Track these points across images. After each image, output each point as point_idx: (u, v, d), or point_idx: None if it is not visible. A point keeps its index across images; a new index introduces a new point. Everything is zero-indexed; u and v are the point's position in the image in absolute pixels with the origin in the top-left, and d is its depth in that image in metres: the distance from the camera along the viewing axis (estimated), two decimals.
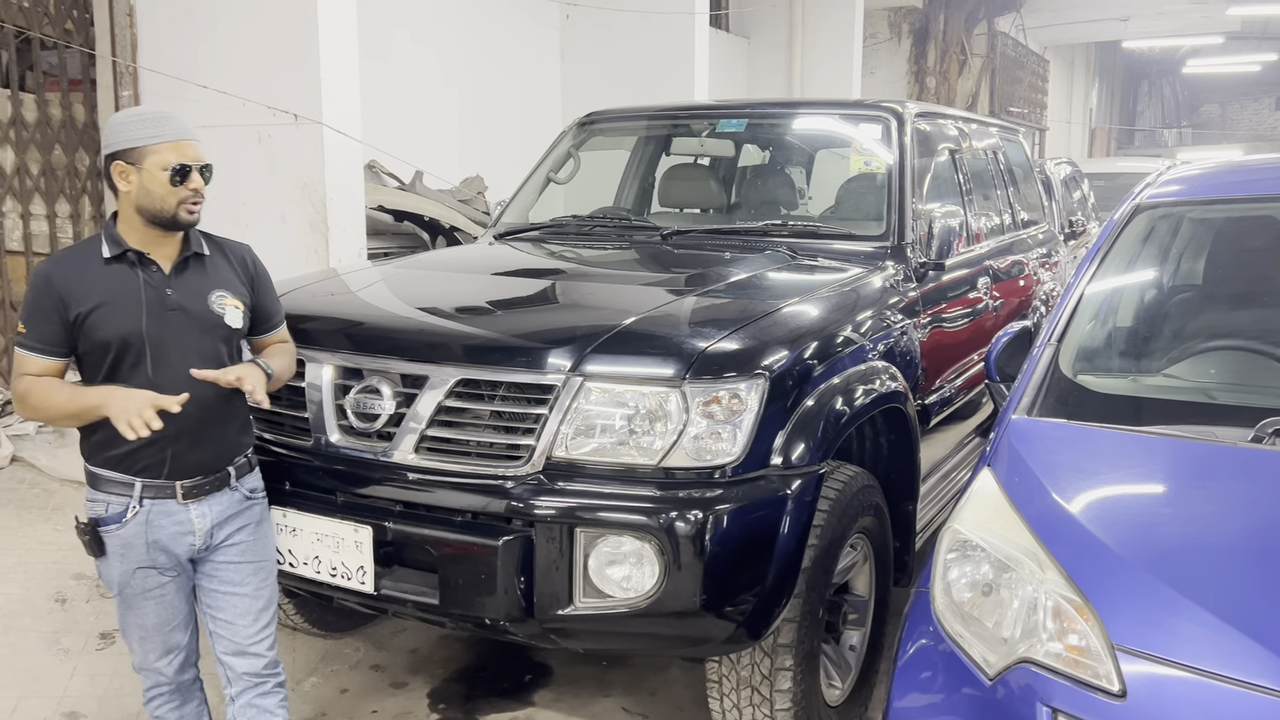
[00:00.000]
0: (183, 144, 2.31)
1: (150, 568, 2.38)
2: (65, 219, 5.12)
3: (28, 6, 4.83)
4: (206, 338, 2.36)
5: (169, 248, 2.35)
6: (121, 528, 2.34)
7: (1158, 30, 16.94)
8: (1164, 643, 1.75)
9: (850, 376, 2.93)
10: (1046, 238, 5.61)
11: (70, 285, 2.27)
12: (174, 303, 2.33)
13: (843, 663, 3.13)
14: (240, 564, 2.47)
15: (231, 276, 2.45)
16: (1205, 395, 2.47)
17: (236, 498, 2.45)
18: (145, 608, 2.43)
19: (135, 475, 2.32)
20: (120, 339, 2.27)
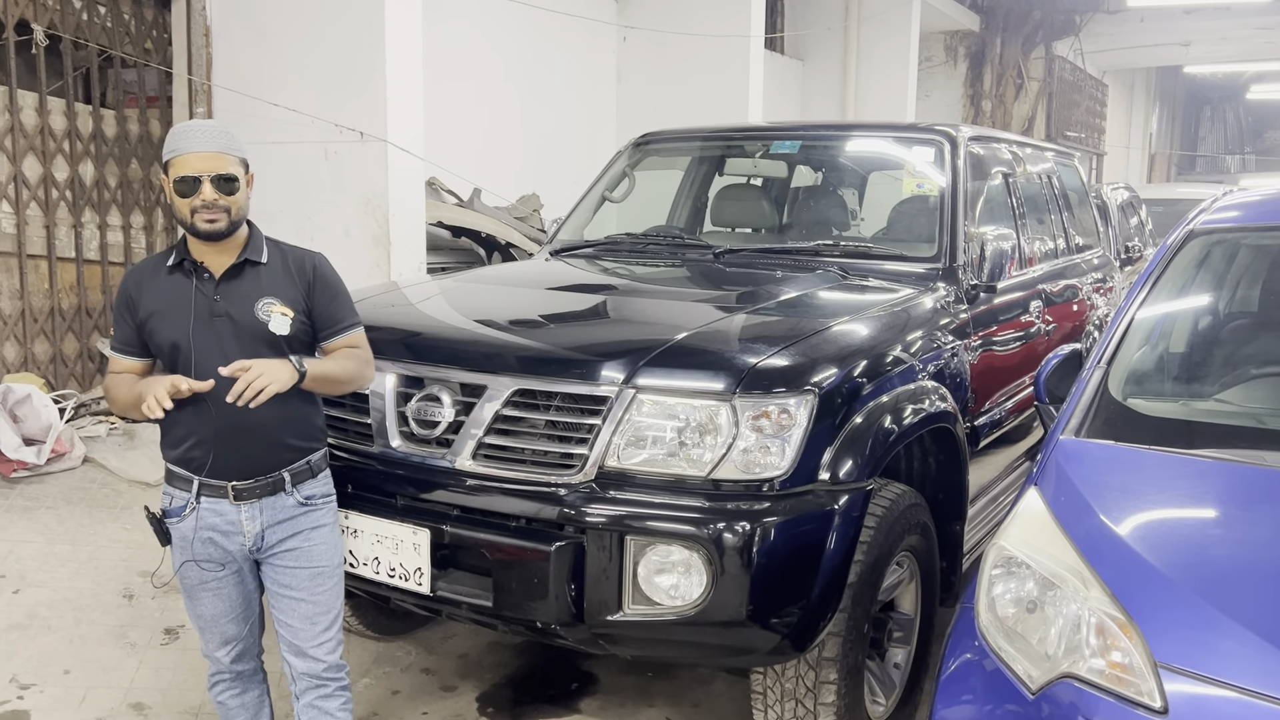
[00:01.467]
0: (193, 156, 2.34)
1: (204, 561, 2.47)
2: (139, 230, 5.33)
3: (110, 27, 5.04)
4: (250, 344, 2.39)
5: (223, 256, 2.42)
6: (180, 521, 2.45)
7: (1220, 55, 16.69)
8: (1207, 661, 1.77)
9: (899, 395, 2.97)
10: (1101, 263, 5.59)
11: (139, 291, 2.43)
12: (220, 309, 2.39)
13: (887, 680, 3.16)
14: (295, 569, 2.52)
15: (286, 284, 2.47)
16: (1255, 420, 2.48)
17: (290, 503, 2.49)
18: (201, 598, 2.53)
19: (193, 472, 2.41)
20: (170, 344, 2.38)
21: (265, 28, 4.99)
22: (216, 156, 2.36)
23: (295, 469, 2.49)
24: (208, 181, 2.33)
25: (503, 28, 7.21)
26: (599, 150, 7.95)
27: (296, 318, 2.45)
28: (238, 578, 2.54)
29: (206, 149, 2.35)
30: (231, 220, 2.38)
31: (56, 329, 4.99)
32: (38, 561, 3.90)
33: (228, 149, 2.38)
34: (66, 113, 4.93)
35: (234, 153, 2.40)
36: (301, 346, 2.49)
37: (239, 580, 2.54)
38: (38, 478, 4.40)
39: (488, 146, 6.88)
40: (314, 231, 4.97)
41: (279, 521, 2.48)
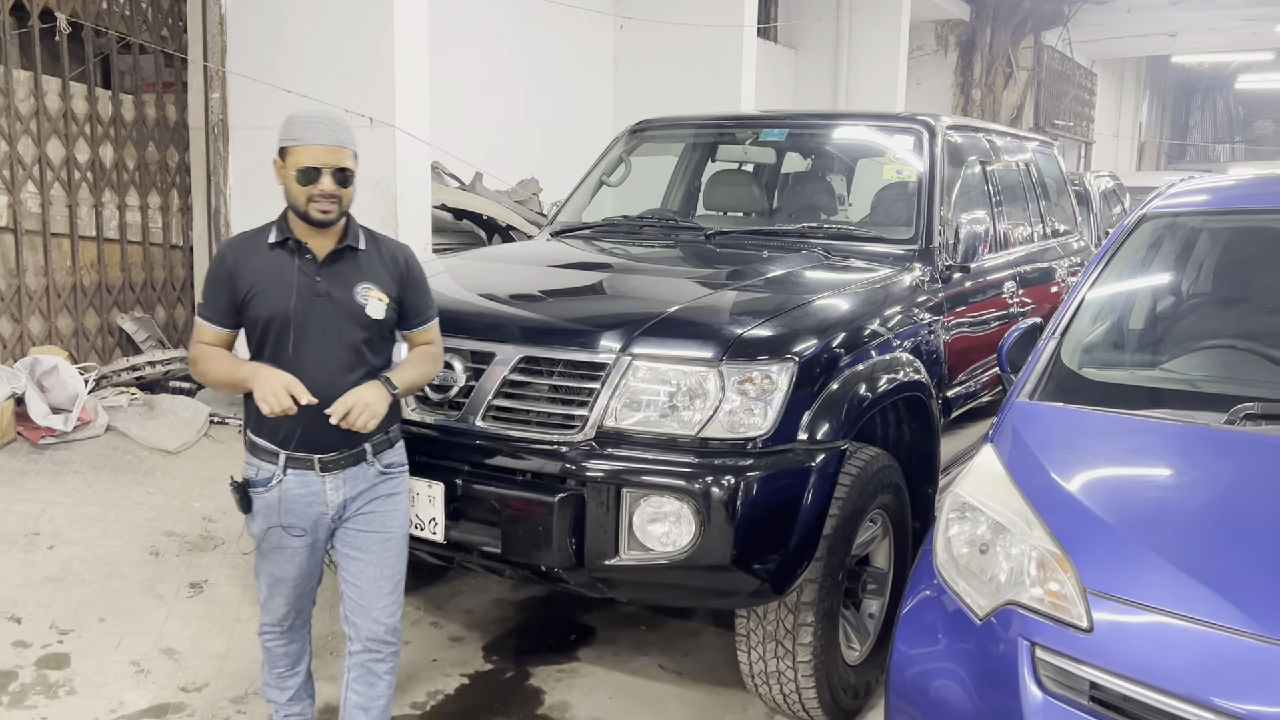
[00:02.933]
0: (318, 148, 2.47)
1: (284, 528, 2.60)
2: (156, 210, 5.56)
3: (129, 14, 5.26)
4: (348, 325, 2.53)
5: (326, 240, 2.55)
6: (266, 491, 2.57)
7: (1206, 46, 16.95)
8: (1130, 588, 2.04)
9: (874, 365, 3.23)
10: (1080, 248, 5.84)
11: (240, 265, 2.52)
12: (322, 289, 2.51)
13: (862, 628, 3.42)
14: (368, 533, 2.65)
15: (382, 271, 2.60)
16: (1190, 385, 2.74)
17: (372, 472, 2.63)
18: (276, 560, 2.68)
19: (280, 446, 2.54)
20: (271, 318, 2.49)
21: (278, 16, 5.21)
22: (337, 150, 2.49)
23: (376, 440, 2.61)
24: (328, 174, 2.46)
25: (504, 17, 7.44)
26: (596, 136, 8.16)
27: (390, 304, 2.59)
28: (311, 549, 2.67)
29: (329, 141, 2.47)
30: (341, 210, 2.52)
31: (79, 304, 5.22)
32: (69, 521, 4.15)
33: (346, 142, 2.51)
34: (88, 97, 5.15)
35: (350, 146, 2.53)
36: (389, 331, 2.64)
37: (311, 550, 2.67)
38: (64, 444, 4.64)
39: (489, 132, 7.11)
40: None
41: (361, 490, 2.62)
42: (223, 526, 4.38)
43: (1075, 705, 1.98)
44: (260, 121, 5.33)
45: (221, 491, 4.67)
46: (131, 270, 5.47)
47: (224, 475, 4.78)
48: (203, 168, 5.53)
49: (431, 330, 2.75)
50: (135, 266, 5.49)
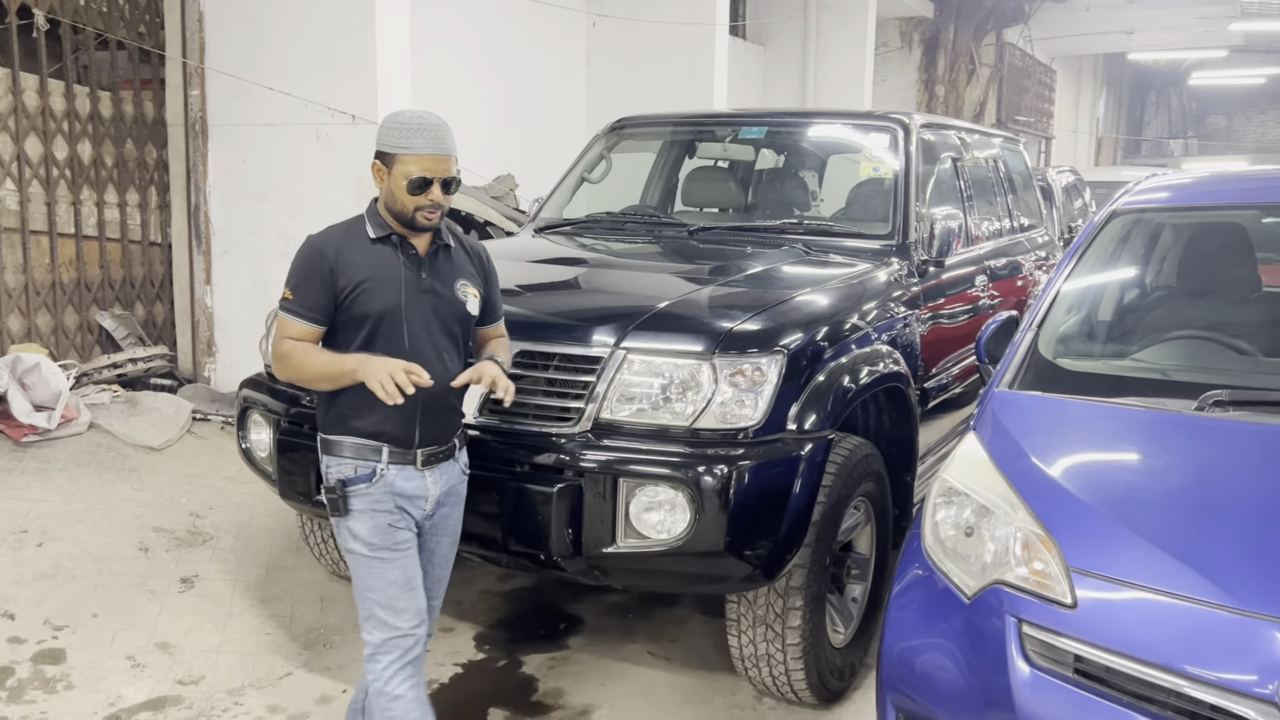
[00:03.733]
0: (428, 158, 2.44)
1: (395, 526, 2.51)
2: (134, 207, 5.55)
3: (106, 11, 5.25)
4: (451, 320, 2.57)
5: (424, 237, 2.56)
6: (371, 485, 2.50)
7: (1162, 43, 17.31)
8: (1110, 565, 2.15)
9: (856, 358, 3.34)
10: (1045, 242, 6.00)
11: (340, 259, 2.47)
12: (427, 285, 2.53)
13: (846, 612, 3.53)
14: (440, 536, 2.68)
15: (471, 268, 2.66)
16: (1161, 374, 2.87)
17: (456, 470, 2.65)
18: (394, 562, 2.52)
19: (384, 442, 2.50)
20: (380, 313, 2.47)
21: (258, 13, 5.22)
22: (446, 159, 2.48)
23: (460, 436, 2.66)
24: (438, 185, 2.47)
25: (478, 14, 7.47)
26: (570, 133, 8.24)
27: (479, 299, 2.64)
28: (416, 546, 2.60)
29: (438, 151, 2.46)
30: (442, 217, 2.54)
31: (58, 302, 5.21)
32: (56, 518, 4.16)
33: (452, 150, 2.50)
34: (65, 94, 5.14)
35: (454, 152, 2.51)
36: (473, 325, 2.68)
37: (416, 549, 2.60)
38: (47, 442, 4.64)
39: (465, 128, 7.09)
40: (306, 209, 5.23)
41: (449, 487, 2.64)
42: (210, 522, 4.41)
43: (1060, 677, 2.09)
44: (240, 119, 5.34)
45: (208, 487, 4.70)
46: (110, 267, 5.46)
47: (208, 471, 4.84)
48: (182, 165, 5.53)
49: (502, 323, 2.83)
50: (114, 264, 5.48)
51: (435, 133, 2.47)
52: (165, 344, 5.72)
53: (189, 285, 5.65)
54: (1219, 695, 1.90)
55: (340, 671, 3.58)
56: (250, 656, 3.62)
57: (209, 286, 5.62)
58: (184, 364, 5.73)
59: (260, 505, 4.61)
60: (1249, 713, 1.86)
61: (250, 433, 3.57)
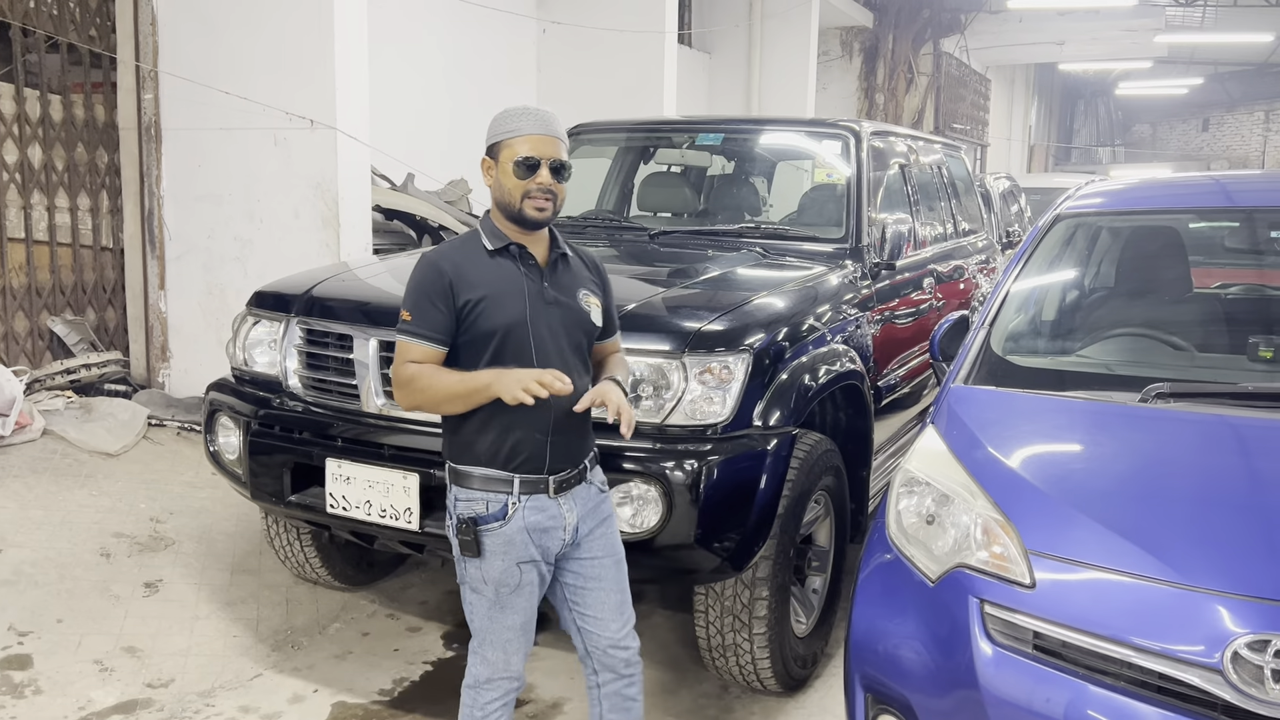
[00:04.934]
0: (536, 138, 2.32)
1: (530, 562, 2.39)
2: (86, 212, 5.49)
3: (56, 14, 5.20)
4: (577, 332, 2.43)
5: (540, 246, 2.43)
6: (504, 524, 2.35)
7: (1091, 54, 17.91)
8: (1065, 547, 2.28)
9: (816, 356, 3.46)
10: (985, 246, 6.22)
11: (459, 275, 2.33)
12: (551, 296, 2.39)
13: (807, 602, 3.65)
14: (603, 559, 2.51)
15: (589, 279, 2.52)
16: (1106, 368, 3.04)
17: (592, 491, 2.50)
18: (517, 606, 2.41)
19: (513, 471, 2.35)
20: (505, 328, 2.33)
21: (212, 17, 5.20)
22: (556, 142, 2.35)
23: (590, 457, 2.51)
24: (546, 166, 2.32)
25: (433, 19, 7.51)
26: None
27: (601, 311, 2.51)
28: (540, 583, 2.45)
29: (550, 133, 2.34)
30: (556, 209, 2.37)
31: (8, 307, 5.13)
32: (14, 525, 4.11)
33: (564, 137, 2.39)
34: (15, 98, 5.07)
35: (565, 139, 2.39)
36: (594, 339, 2.53)
37: (540, 586, 2.46)
38: (0, 449, 4.58)
39: (418, 133, 7.18)
40: (264, 214, 5.22)
41: (588, 511, 2.48)
42: (171, 527, 4.40)
43: (1020, 654, 2.21)
44: (195, 123, 5.32)
45: (167, 492, 4.68)
46: (61, 272, 5.39)
47: (167, 477, 4.82)
48: (135, 169, 5.48)
49: (619, 337, 2.66)
50: (65, 269, 5.42)
51: (543, 116, 2.37)
52: (118, 349, 5.66)
53: (142, 290, 5.60)
54: (1169, 665, 2.03)
55: (310, 672, 3.61)
56: (219, 659, 3.63)
57: (163, 291, 5.58)
58: (137, 370, 5.67)
59: (221, 510, 4.60)
60: (1197, 680, 2.00)
61: (219, 435, 3.59)
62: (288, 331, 3.49)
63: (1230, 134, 31.14)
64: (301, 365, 3.45)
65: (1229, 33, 19.23)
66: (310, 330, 3.45)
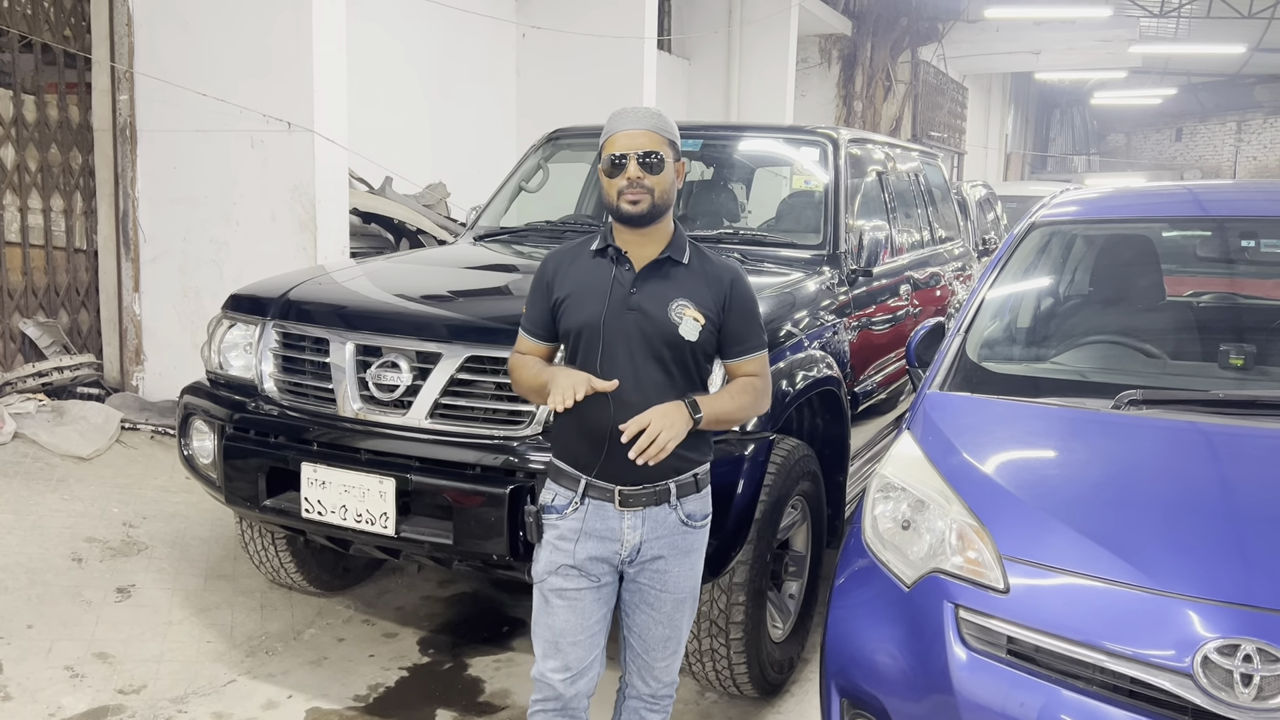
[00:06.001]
0: (621, 135, 2.31)
1: (573, 568, 2.36)
2: (59, 214, 5.44)
3: (30, 14, 5.15)
4: (657, 342, 2.32)
5: (647, 248, 2.36)
6: (561, 519, 2.37)
7: (1066, 64, 18.09)
8: (1039, 552, 2.30)
9: (793, 362, 3.47)
10: (961, 253, 6.26)
11: (558, 272, 2.41)
12: (635, 303, 2.32)
13: (784, 608, 3.66)
14: (662, 593, 2.43)
15: (703, 290, 2.37)
16: (1080, 375, 3.07)
17: (673, 519, 2.38)
18: (557, 608, 2.39)
19: (582, 471, 2.35)
20: (579, 329, 2.34)
21: (189, 18, 5.17)
22: (645, 134, 2.32)
23: (681, 480, 2.38)
24: (633, 159, 2.29)
25: (411, 22, 7.49)
26: (500, 142, 8.30)
27: (706, 327, 2.35)
28: (598, 594, 2.40)
29: (636, 127, 2.32)
30: (655, 202, 2.31)
31: None
32: None
33: (659, 129, 2.34)
34: None
35: (665, 133, 2.34)
36: (704, 356, 2.40)
37: (599, 598, 2.41)
38: None
39: (396, 136, 7.16)
40: (240, 216, 5.19)
41: (658, 536, 2.38)
42: (144, 532, 4.36)
43: (995, 658, 2.22)
44: (171, 124, 5.29)
45: (140, 497, 4.64)
46: (34, 274, 5.34)
47: (140, 481, 4.78)
48: (109, 170, 5.43)
49: (755, 362, 2.46)
50: (37, 270, 5.36)
51: (635, 113, 2.35)
52: (91, 352, 5.60)
53: (116, 292, 5.56)
54: (1140, 669, 2.05)
55: (284, 678, 3.58)
56: (192, 665, 3.60)
57: (137, 294, 5.53)
58: (111, 372, 5.62)
59: (195, 514, 4.57)
60: (1168, 685, 2.02)
61: (193, 439, 3.56)
62: (264, 335, 3.47)
63: (1203, 144, 31.50)
64: (277, 369, 3.43)
65: (1202, 44, 19.51)
66: (286, 334, 3.43)
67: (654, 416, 2.24)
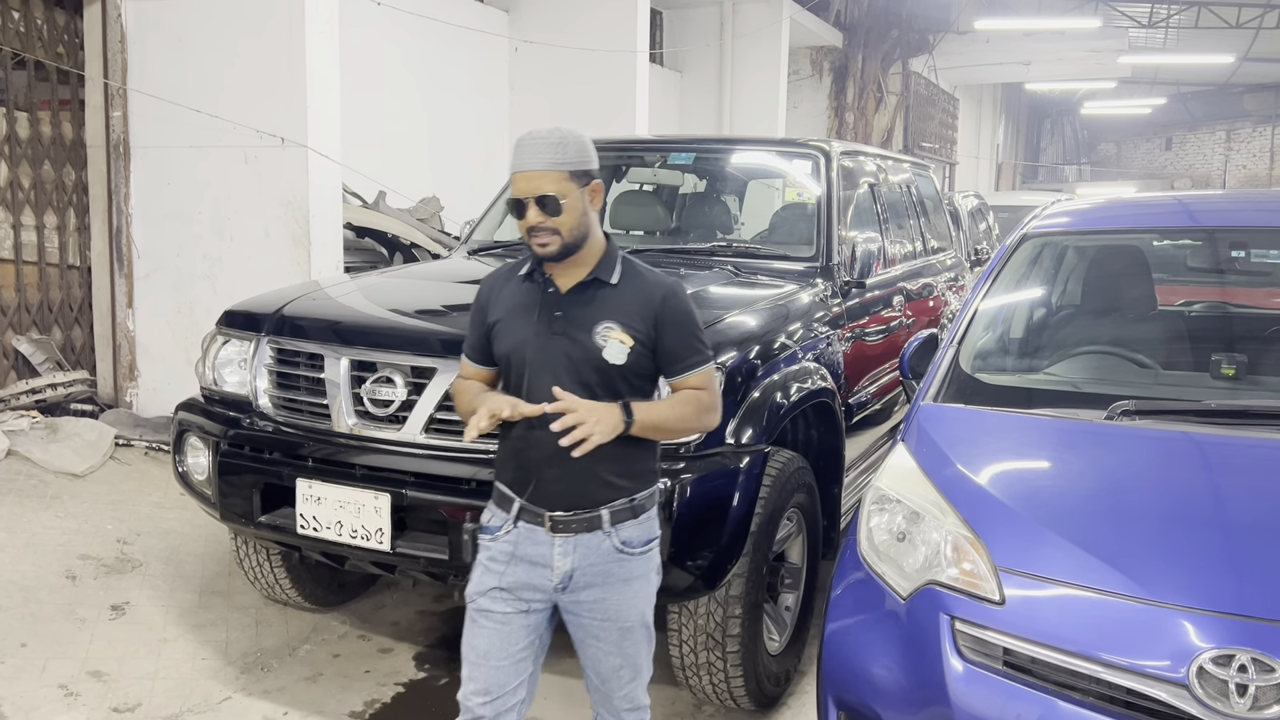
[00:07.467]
0: (519, 176, 2.21)
1: (502, 590, 2.32)
2: (52, 230, 5.43)
3: (23, 31, 5.16)
4: (584, 367, 2.24)
5: (571, 272, 2.29)
6: (494, 540, 2.34)
7: (1056, 74, 18.18)
8: (1034, 563, 2.31)
9: (787, 374, 3.48)
10: (954, 264, 6.28)
11: (490, 296, 2.38)
12: (560, 327, 2.26)
13: (780, 620, 3.66)
14: (604, 623, 2.34)
15: (631, 311, 2.27)
16: (1073, 386, 3.08)
17: (606, 546, 2.29)
18: (483, 629, 2.36)
19: (515, 494, 2.31)
20: (510, 354, 2.30)
21: (182, 34, 5.18)
22: (541, 175, 2.19)
23: (615, 508, 2.29)
24: (531, 204, 2.19)
25: (404, 38, 7.51)
26: (494, 156, 8.32)
27: (635, 349, 2.26)
28: (526, 620, 2.34)
29: (531, 166, 2.20)
30: (565, 241, 2.21)
31: None
32: None
33: (558, 164, 2.20)
34: None
35: (566, 166, 2.20)
36: (636, 378, 2.30)
37: (527, 624, 2.35)
38: None
39: (390, 150, 7.17)
40: (234, 232, 5.19)
41: (591, 564, 2.29)
42: (139, 548, 4.34)
43: (991, 670, 2.23)
44: (164, 140, 5.29)
45: (134, 513, 4.63)
46: (27, 291, 5.33)
47: (134, 497, 4.77)
48: (102, 187, 5.44)
49: (698, 377, 2.34)
50: (31, 287, 5.36)
51: (531, 146, 2.22)
52: (85, 369, 5.60)
53: (110, 309, 5.55)
54: (1136, 680, 2.06)
55: (280, 695, 3.57)
56: (187, 682, 3.58)
57: (131, 310, 5.53)
58: (104, 389, 5.61)
59: (189, 531, 4.55)
60: (1164, 695, 2.03)
61: (188, 455, 3.55)
62: (258, 351, 3.47)
63: (1193, 153, 31.66)
64: (272, 385, 3.43)
65: (1191, 54, 19.64)
66: (281, 350, 3.43)
67: (582, 408, 2.17)
